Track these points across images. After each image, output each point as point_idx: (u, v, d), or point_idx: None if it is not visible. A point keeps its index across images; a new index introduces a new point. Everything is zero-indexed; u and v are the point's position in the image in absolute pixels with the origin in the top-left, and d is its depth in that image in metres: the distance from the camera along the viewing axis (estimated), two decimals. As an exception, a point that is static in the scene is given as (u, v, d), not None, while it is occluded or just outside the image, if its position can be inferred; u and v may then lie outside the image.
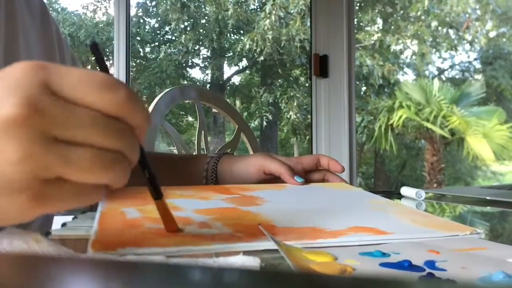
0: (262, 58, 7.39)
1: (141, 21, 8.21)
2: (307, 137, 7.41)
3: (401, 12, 8.45)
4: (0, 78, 0.27)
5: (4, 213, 0.27)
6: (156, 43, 8.14)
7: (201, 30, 8.01)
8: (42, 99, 0.26)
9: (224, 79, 8.01)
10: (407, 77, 8.78)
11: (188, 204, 0.51)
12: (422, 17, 8.31)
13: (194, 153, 1.25)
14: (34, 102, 0.26)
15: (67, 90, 0.27)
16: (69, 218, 0.55)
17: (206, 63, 8.20)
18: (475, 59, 8.94)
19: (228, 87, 8.02)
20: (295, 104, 7.50)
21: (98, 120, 0.27)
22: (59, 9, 8.34)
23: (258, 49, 7.38)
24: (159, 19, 8.18)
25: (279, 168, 0.66)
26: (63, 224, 0.44)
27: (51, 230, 0.41)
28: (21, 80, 0.26)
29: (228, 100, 4.08)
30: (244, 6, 7.92)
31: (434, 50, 8.73)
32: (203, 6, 8.08)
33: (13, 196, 0.27)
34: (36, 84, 0.26)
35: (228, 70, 8.24)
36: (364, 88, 8.29)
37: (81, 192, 0.28)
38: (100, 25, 8.06)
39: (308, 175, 0.72)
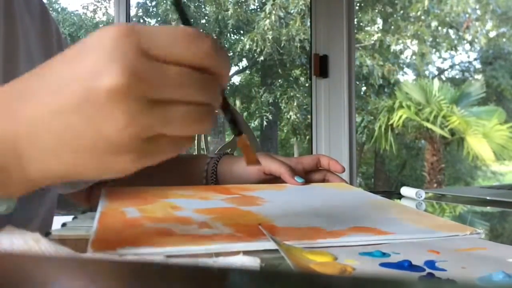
0: (262, 58, 7.39)
1: (141, 21, 8.21)
2: (307, 137, 7.41)
3: (401, 12, 8.44)
4: (92, 46, 0.28)
5: (109, 169, 0.30)
6: (156, 43, 8.13)
7: (201, 30, 8.00)
8: (140, 65, 0.27)
9: (224, 79, 8.00)
10: (407, 77, 8.78)
11: (188, 204, 0.51)
12: (422, 17, 8.31)
13: (194, 153, 1.25)
14: (134, 70, 0.27)
15: (157, 50, 0.28)
16: (69, 218, 0.55)
17: (206, 63, 8.19)
18: (475, 59, 8.94)
19: (228, 87, 8.02)
20: (295, 104, 7.50)
21: (190, 78, 0.29)
22: (59, 9, 8.34)
23: (258, 49, 7.38)
24: (159, 19, 8.17)
25: (279, 168, 0.66)
26: (63, 224, 0.44)
27: (51, 230, 0.41)
28: (117, 47, 0.27)
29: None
30: (244, 6, 7.92)
31: (434, 50, 8.73)
32: (203, 6, 8.08)
33: (118, 156, 0.29)
34: (132, 50, 0.27)
35: (228, 70, 8.23)
36: (364, 88, 8.29)
37: (177, 144, 0.31)
38: (100, 25, 8.06)
39: (308, 175, 0.72)
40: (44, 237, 0.27)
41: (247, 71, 8.11)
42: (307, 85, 7.05)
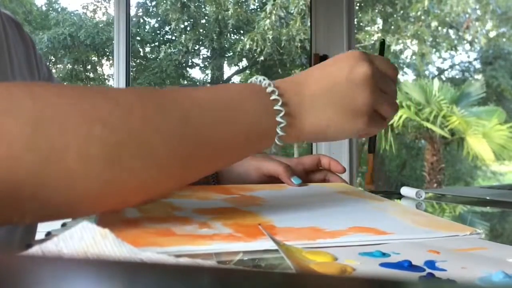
0: (262, 58, 7.38)
1: (141, 21, 8.21)
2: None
3: (401, 12, 8.44)
4: (344, 57, 0.47)
5: (350, 128, 0.46)
6: (156, 43, 8.13)
7: (201, 30, 8.01)
8: (373, 66, 0.46)
9: (224, 79, 8.01)
10: (407, 77, 8.77)
11: (188, 204, 0.51)
12: (422, 17, 8.31)
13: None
14: (373, 67, 0.46)
15: (376, 62, 0.48)
16: (69, 218, 0.55)
17: (206, 63, 8.20)
18: (475, 59, 8.94)
19: (228, 87, 7.99)
20: (295, 104, 7.47)
21: (391, 82, 0.49)
22: (59, 9, 8.34)
23: (258, 49, 7.38)
24: (159, 19, 8.17)
25: (277, 168, 0.66)
26: (63, 224, 0.44)
27: (51, 230, 0.41)
28: (361, 56, 0.46)
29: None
30: (244, 6, 7.92)
31: (434, 50, 8.73)
32: (203, 6, 8.08)
33: (359, 118, 0.46)
34: (368, 58, 0.47)
35: (228, 70, 8.24)
36: (364, 88, 8.27)
37: (382, 123, 0.49)
38: (100, 25, 8.05)
39: (309, 175, 0.72)
40: (110, 233, 0.27)
41: (247, 71, 8.11)
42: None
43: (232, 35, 8.17)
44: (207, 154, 0.40)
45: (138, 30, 7.99)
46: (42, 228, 0.56)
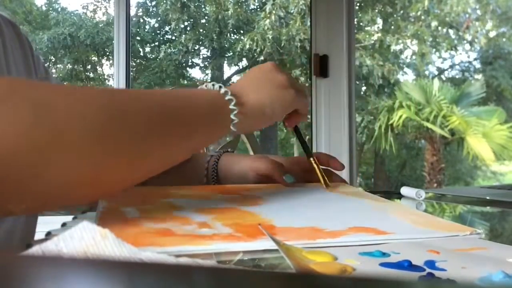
0: (262, 58, 7.38)
1: (141, 21, 8.21)
2: (307, 137, 7.41)
3: (401, 12, 8.44)
4: (260, 67, 0.59)
5: (281, 99, 0.57)
6: (156, 43, 8.14)
7: (201, 30, 8.01)
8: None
9: (224, 79, 8.01)
10: (407, 77, 8.78)
11: (188, 203, 0.51)
12: (422, 17, 8.31)
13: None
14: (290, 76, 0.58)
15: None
16: (69, 218, 0.55)
17: (206, 63, 8.20)
18: (475, 59, 8.95)
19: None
20: (295, 104, 7.47)
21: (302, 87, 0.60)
22: (59, 9, 8.34)
23: (258, 49, 7.38)
24: (159, 19, 8.17)
25: (269, 167, 0.66)
26: (63, 224, 0.44)
27: (51, 230, 0.41)
28: (274, 66, 0.59)
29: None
30: (244, 6, 7.92)
31: (434, 50, 8.73)
32: (203, 6, 8.08)
33: (286, 89, 0.57)
34: (278, 68, 0.59)
35: (228, 70, 8.24)
36: (364, 88, 8.29)
37: (304, 100, 0.61)
38: (100, 25, 8.05)
39: (307, 175, 0.72)
40: (110, 233, 0.28)
41: (247, 71, 8.11)
42: (307, 85, 7.05)
43: (232, 35, 8.17)
44: (168, 142, 0.45)
45: (138, 30, 7.99)
46: (42, 228, 0.56)
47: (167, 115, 0.45)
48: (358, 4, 7.79)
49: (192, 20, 7.98)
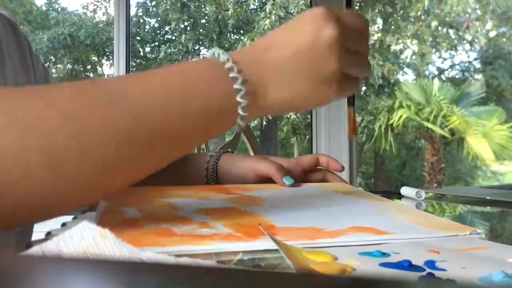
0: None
1: (141, 21, 8.21)
2: (307, 137, 7.41)
3: (401, 12, 8.44)
4: (309, 17, 0.42)
5: (319, 97, 0.43)
6: (156, 43, 8.14)
7: (201, 30, 8.01)
8: (342, 26, 0.42)
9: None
10: (407, 77, 8.78)
11: (188, 204, 0.51)
12: (422, 17, 8.31)
13: (194, 152, 1.25)
14: (341, 28, 0.42)
15: (345, 19, 0.43)
16: (69, 218, 0.55)
17: (206, 63, 8.18)
18: (475, 59, 8.95)
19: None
20: (295, 104, 7.46)
21: (363, 38, 0.45)
22: (59, 9, 8.34)
23: (258, 49, 7.37)
24: (159, 19, 8.17)
25: (269, 169, 0.65)
26: (63, 224, 0.44)
27: (51, 230, 0.41)
28: (327, 16, 0.42)
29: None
30: (244, 6, 7.92)
31: (434, 50, 8.73)
32: (203, 6, 8.08)
33: (327, 86, 0.42)
34: (336, 18, 0.42)
35: (228, 70, 8.22)
36: (364, 88, 8.29)
37: (354, 85, 0.46)
38: (100, 25, 8.05)
39: (308, 175, 0.72)
40: (110, 233, 0.27)
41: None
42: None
43: (232, 35, 8.17)
44: (159, 147, 0.38)
45: (138, 30, 7.99)
46: (39, 228, 0.56)
47: (142, 132, 0.37)
48: (358, 4, 7.78)
49: (192, 20, 7.98)
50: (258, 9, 7.78)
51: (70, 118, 0.34)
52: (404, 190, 0.74)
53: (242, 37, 7.78)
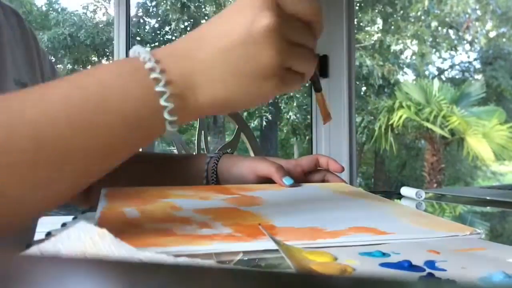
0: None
1: (141, 21, 8.21)
2: (307, 137, 7.41)
3: (401, 12, 8.44)
4: (245, 4, 0.38)
5: (259, 94, 0.39)
6: (156, 43, 8.13)
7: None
8: (282, 14, 0.38)
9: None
10: (407, 77, 8.78)
11: (188, 204, 0.51)
12: (422, 17, 8.31)
13: (194, 153, 1.24)
14: (280, 16, 0.37)
15: (288, 7, 0.38)
16: (69, 218, 0.55)
17: (206, 63, 8.19)
18: (475, 59, 8.95)
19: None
20: (294, 104, 7.49)
21: (306, 29, 0.40)
22: (59, 9, 8.34)
23: (258, 49, 7.37)
24: (159, 19, 8.17)
25: (269, 169, 0.65)
26: (63, 224, 0.44)
27: (51, 230, 0.41)
28: (265, 2, 0.37)
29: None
30: (244, 6, 7.91)
31: (434, 50, 8.73)
32: (203, 6, 8.08)
33: (267, 81, 0.38)
34: (274, 5, 0.37)
35: (228, 70, 8.22)
36: (364, 88, 8.29)
37: (299, 80, 0.41)
38: (100, 25, 8.05)
39: (308, 176, 0.72)
40: (108, 232, 0.27)
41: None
42: (307, 85, 7.04)
43: (232, 35, 8.16)
44: (76, 166, 0.35)
45: (138, 30, 7.99)
46: (42, 228, 0.56)
47: (61, 148, 0.34)
48: (358, 4, 7.79)
49: (192, 20, 7.97)
50: (258, 9, 7.77)
51: None
52: (404, 190, 0.74)
53: (242, 37, 7.77)
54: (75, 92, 0.35)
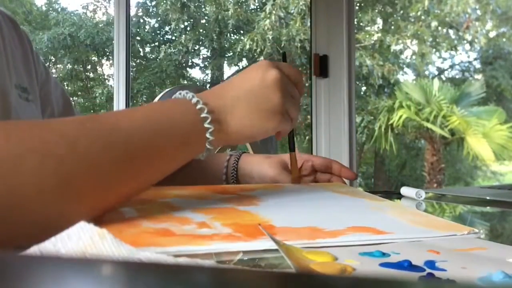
0: (262, 58, 7.38)
1: (141, 21, 8.21)
2: (307, 137, 7.41)
3: (401, 12, 8.44)
4: (257, 65, 0.54)
5: (269, 127, 0.53)
6: (156, 43, 8.13)
7: (201, 30, 8.00)
8: (282, 73, 0.53)
9: (224, 79, 8.00)
10: (407, 77, 8.78)
11: (186, 203, 0.51)
12: (422, 17, 8.31)
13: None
14: (282, 74, 0.53)
15: (283, 70, 0.55)
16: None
17: (206, 63, 8.20)
18: (475, 59, 8.94)
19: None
20: (295, 104, 7.45)
21: (297, 85, 0.57)
22: (59, 9, 8.34)
23: (258, 49, 7.38)
24: (159, 19, 8.17)
25: (287, 181, 0.70)
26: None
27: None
28: (270, 65, 0.54)
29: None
30: (244, 6, 7.92)
31: (434, 50, 8.73)
32: (203, 6, 8.08)
33: (275, 116, 0.53)
34: (276, 66, 0.54)
35: (228, 70, 8.24)
36: (364, 88, 8.29)
37: (290, 122, 0.56)
38: (100, 25, 8.05)
39: (315, 174, 0.73)
40: (108, 233, 0.27)
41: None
42: (307, 85, 7.04)
43: (232, 35, 8.17)
44: (150, 165, 0.44)
45: (138, 30, 7.99)
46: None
47: (134, 153, 0.43)
48: (358, 4, 7.79)
49: (192, 20, 7.98)
50: (258, 9, 7.78)
51: (75, 144, 0.39)
52: (404, 190, 0.74)
53: (242, 37, 7.78)
54: (153, 112, 0.47)
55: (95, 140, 0.40)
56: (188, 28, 7.97)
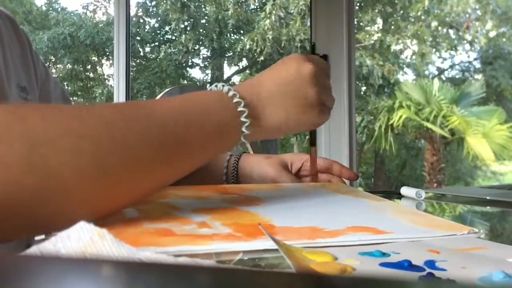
0: (262, 58, 7.38)
1: (141, 21, 8.21)
2: (307, 137, 7.40)
3: (401, 12, 8.44)
4: (291, 57, 0.53)
5: (305, 120, 0.52)
6: (156, 43, 8.13)
7: (201, 30, 8.00)
8: (315, 64, 0.53)
9: (224, 79, 8.01)
10: (407, 77, 8.78)
11: (187, 204, 0.51)
12: (422, 17, 8.31)
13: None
14: (315, 65, 0.52)
15: (314, 61, 0.54)
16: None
17: (206, 63, 8.20)
18: (475, 59, 8.94)
19: (228, 87, 7.99)
20: (295, 104, 7.45)
21: (328, 76, 0.56)
22: (59, 9, 8.34)
23: (258, 49, 7.38)
24: (159, 19, 8.17)
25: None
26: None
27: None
28: (303, 57, 0.53)
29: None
30: (244, 6, 7.92)
31: (434, 50, 8.73)
32: (203, 6, 8.08)
33: (312, 110, 0.52)
34: (309, 59, 0.53)
35: (228, 70, 8.24)
36: (364, 88, 8.29)
37: (327, 112, 0.56)
38: (100, 25, 8.05)
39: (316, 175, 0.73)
40: (108, 233, 0.28)
41: (247, 71, 8.11)
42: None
43: (232, 35, 8.17)
44: (183, 154, 0.44)
45: (138, 30, 7.99)
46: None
47: (169, 139, 0.43)
48: (358, 4, 7.79)
49: (192, 20, 7.97)
50: (258, 9, 7.78)
51: (112, 126, 0.39)
52: (404, 190, 0.74)
53: (242, 37, 7.78)
54: (188, 101, 0.47)
55: (132, 124, 0.40)
56: (188, 28, 7.97)
